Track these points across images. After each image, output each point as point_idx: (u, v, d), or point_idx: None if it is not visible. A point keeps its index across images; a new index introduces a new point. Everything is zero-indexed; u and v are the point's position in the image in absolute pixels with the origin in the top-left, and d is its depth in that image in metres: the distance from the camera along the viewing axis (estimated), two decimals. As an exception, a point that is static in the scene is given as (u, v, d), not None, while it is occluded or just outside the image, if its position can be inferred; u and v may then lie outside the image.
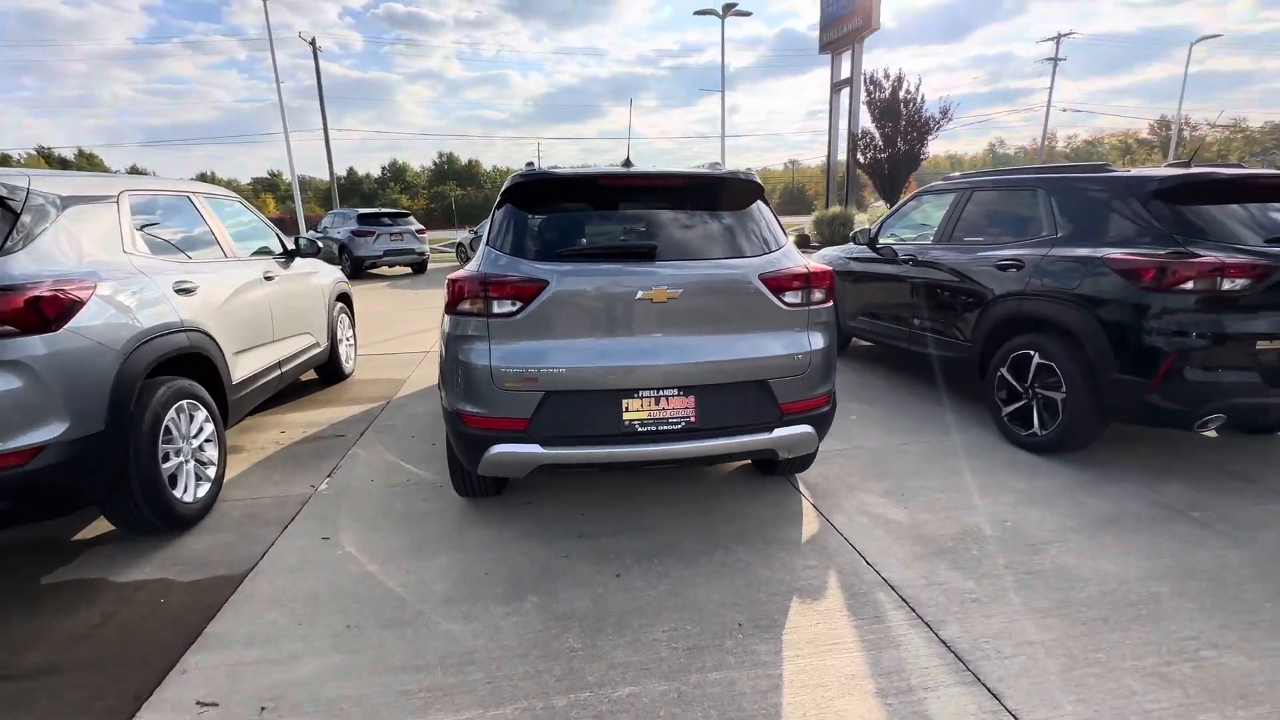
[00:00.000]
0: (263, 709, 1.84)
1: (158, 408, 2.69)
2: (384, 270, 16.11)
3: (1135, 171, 3.54)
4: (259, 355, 3.79)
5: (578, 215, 2.78)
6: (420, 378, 5.58)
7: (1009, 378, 3.74)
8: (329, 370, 5.31)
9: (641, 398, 2.46)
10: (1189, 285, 2.93)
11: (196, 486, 2.97)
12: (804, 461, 3.18)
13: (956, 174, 5.01)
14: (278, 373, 4.06)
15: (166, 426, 2.75)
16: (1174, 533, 2.73)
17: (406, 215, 15.56)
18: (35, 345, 2.22)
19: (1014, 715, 1.77)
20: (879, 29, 21.16)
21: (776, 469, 3.25)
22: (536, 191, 2.69)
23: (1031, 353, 3.57)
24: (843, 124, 23.09)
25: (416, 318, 9.00)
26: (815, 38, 24.08)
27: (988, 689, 1.87)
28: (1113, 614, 2.20)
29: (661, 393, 2.47)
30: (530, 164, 3.05)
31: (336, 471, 3.56)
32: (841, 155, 23.47)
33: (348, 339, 5.68)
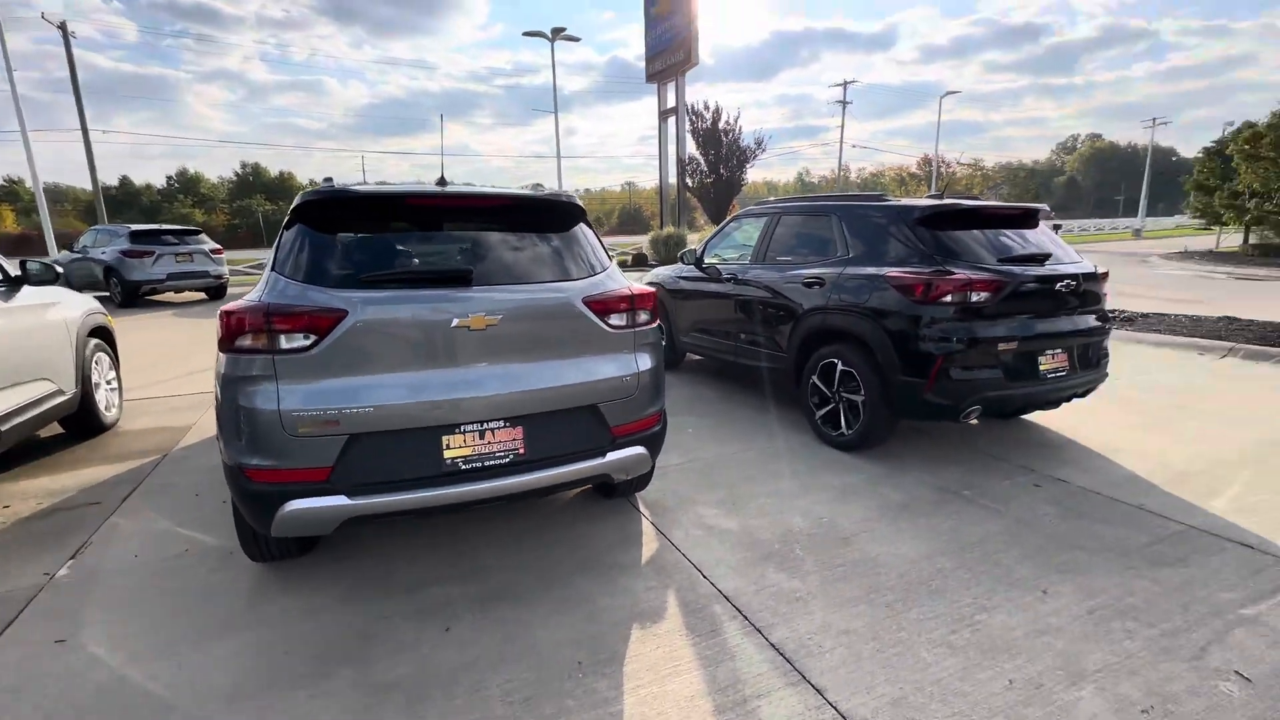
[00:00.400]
0: None
1: None
2: (170, 296, 13.76)
3: (904, 201, 4.12)
4: (-39, 412, 2.95)
5: (385, 238, 2.54)
6: (209, 424, 4.76)
7: (819, 384, 4.12)
8: (81, 422, 4.33)
9: (464, 433, 2.28)
10: (948, 299, 3.45)
11: None
12: (642, 481, 3.19)
13: (770, 199, 5.48)
14: (-7, 432, 3.20)
15: None
16: (951, 511, 3.16)
17: (197, 232, 13.45)
18: None
19: (835, 708, 1.89)
20: (699, 64, 22.83)
21: (616, 491, 3.23)
22: (335, 211, 2.41)
23: (836, 361, 3.97)
24: (672, 149, 24.48)
25: (207, 350, 7.74)
26: (643, 68, 25.33)
27: (812, 686, 1.98)
28: (909, 594, 2.46)
29: (486, 426, 2.31)
30: (329, 179, 2.73)
31: (85, 550, 2.87)
32: (673, 179, 24.85)
33: (108, 383, 4.69)
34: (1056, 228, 4.53)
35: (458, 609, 2.39)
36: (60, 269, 4.00)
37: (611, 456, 2.53)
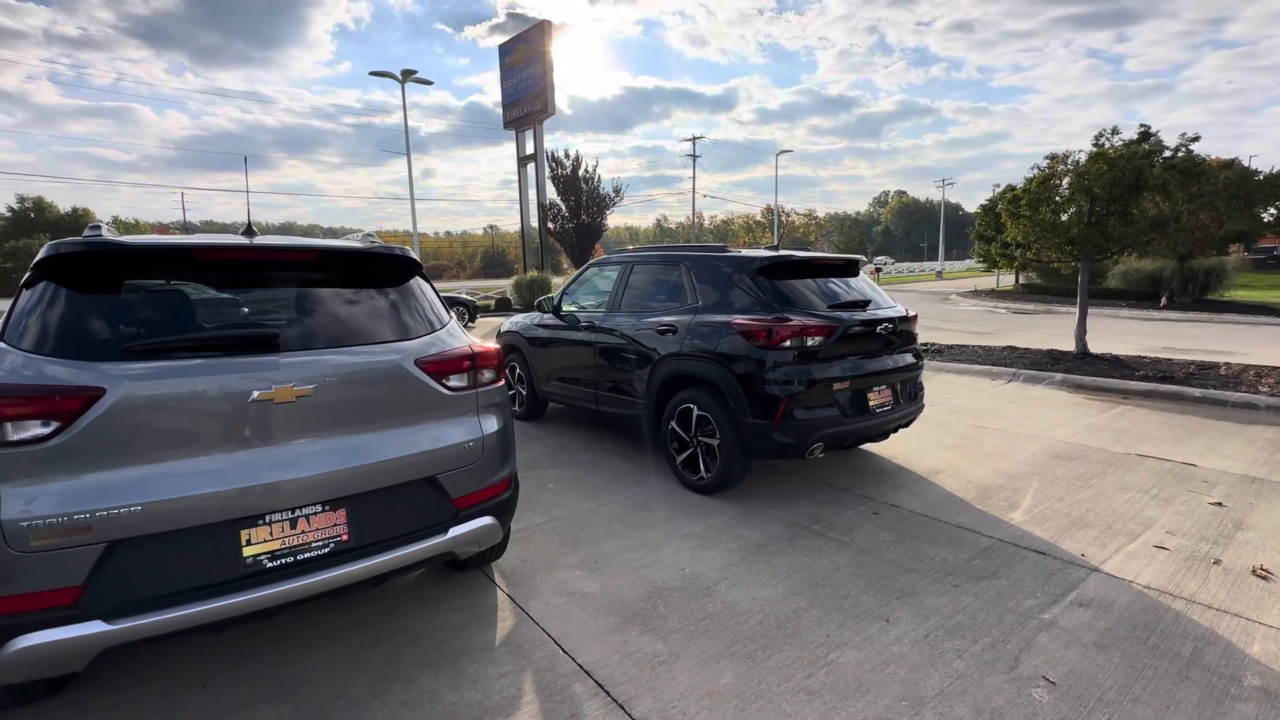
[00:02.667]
0: None
1: None
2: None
3: (745, 252, 4.38)
4: None
5: (170, 298, 2.16)
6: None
7: (678, 429, 4.17)
8: None
9: (270, 524, 1.94)
10: (788, 343, 3.67)
11: None
12: (496, 550, 2.96)
13: (627, 248, 5.58)
14: None
15: None
16: (804, 547, 3.28)
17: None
18: None
19: (699, 784, 1.79)
20: (555, 114, 23.38)
21: (468, 564, 2.96)
22: (99, 267, 1.99)
23: (692, 406, 4.04)
24: (533, 194, 24.60)
25: None
26: (501, 114, 25.39)
27: (676, 762, 1.87)
28: (768, 640, 2.47)
29: (299, 513, 1.99)
30: (97, 227, 2.28)
31: None
32: (534, 223, 24.89)
33: None
34: (878, 270, 5.07)
35: (267, 737, 1.99)
36: None
37: (455, 531, 2.30)
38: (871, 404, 3.98)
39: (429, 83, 24.02)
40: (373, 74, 22.92)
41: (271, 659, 2.38)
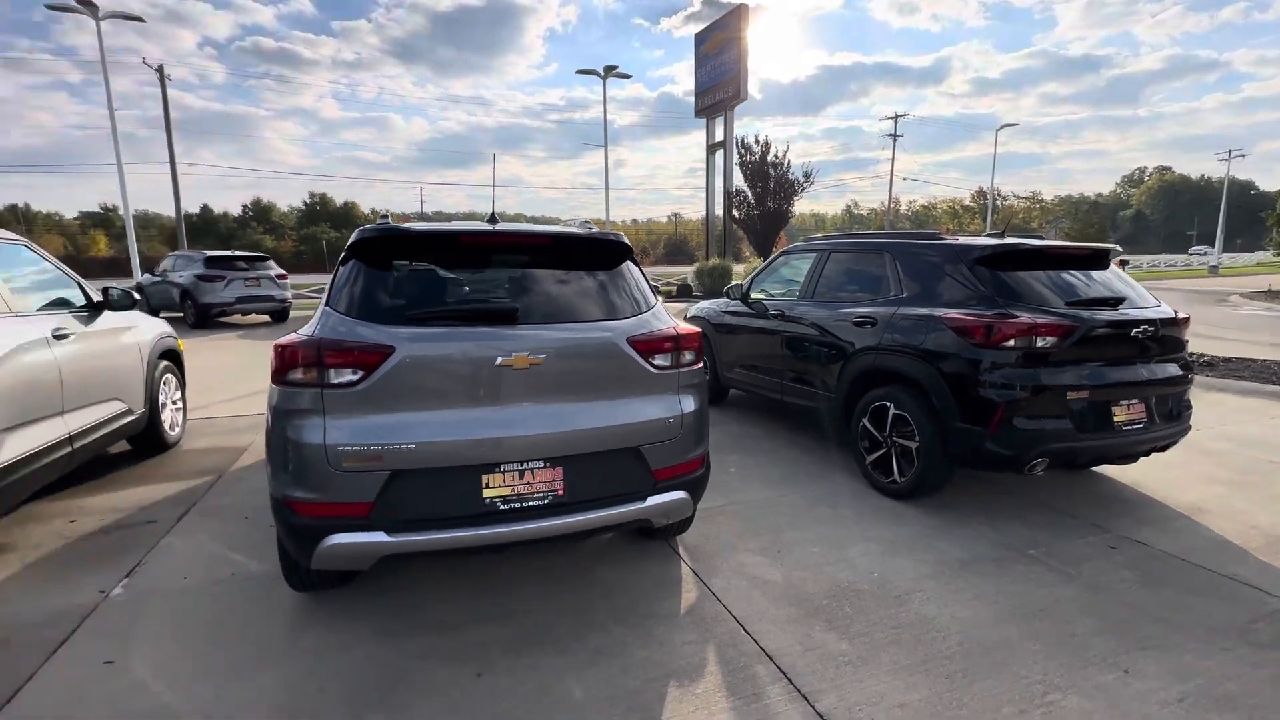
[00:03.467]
0: None
1: None
2: (237, 319, 14.52)
3: (962, 240, 3.97)
4: (38, 430, 3.12)
5: (434, 275, 2.58)
6: (263, 446, 4.92)
7: (870, 427, 3.95)
8: (147, 440, 4.53)
9: (503, 472, 2.26)
10: (1011, 343, 3.27)
11: (-76, 609, 2.31)
12: (683, 524, 3.10)
13: (819, 235, 5.39)
14: (68, 449, 3.37)
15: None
16: (1017, 573, 2.93)
17: (265, 259, 14.23)
18: None
19: (889, 794, 1.73)
20: (747, 99, 23.08)
21: (656, 533, 3.14)
22: (388, 248, 2.47)
23: (888, 404, 3.80)
24: (719, 182, 24.68)
25: (268, 373, 8.08)
26: (692, 102, 25.79)
27: (864, 766, 1.82)
28: (971, 664, 2.27)
29: (526, 466, 2.28)
30: (384, 217, 2.82)
31: (139, 570, 2.95)
32: (719, 211, 24.99)
33: (174, 403, 4.92)
34: (1124, 264, 4.28)
35: (491, 653, 2.33)
36: (138, 294, 4.26)
37: (652, 501, 2.46)
38: (1117, 420, 3.39)
39: (627, 76, 25.20)
40: (579, 72, 24.71)
41: (493, 591, 2.77)
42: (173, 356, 4.93)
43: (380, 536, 2.12)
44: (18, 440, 2.95)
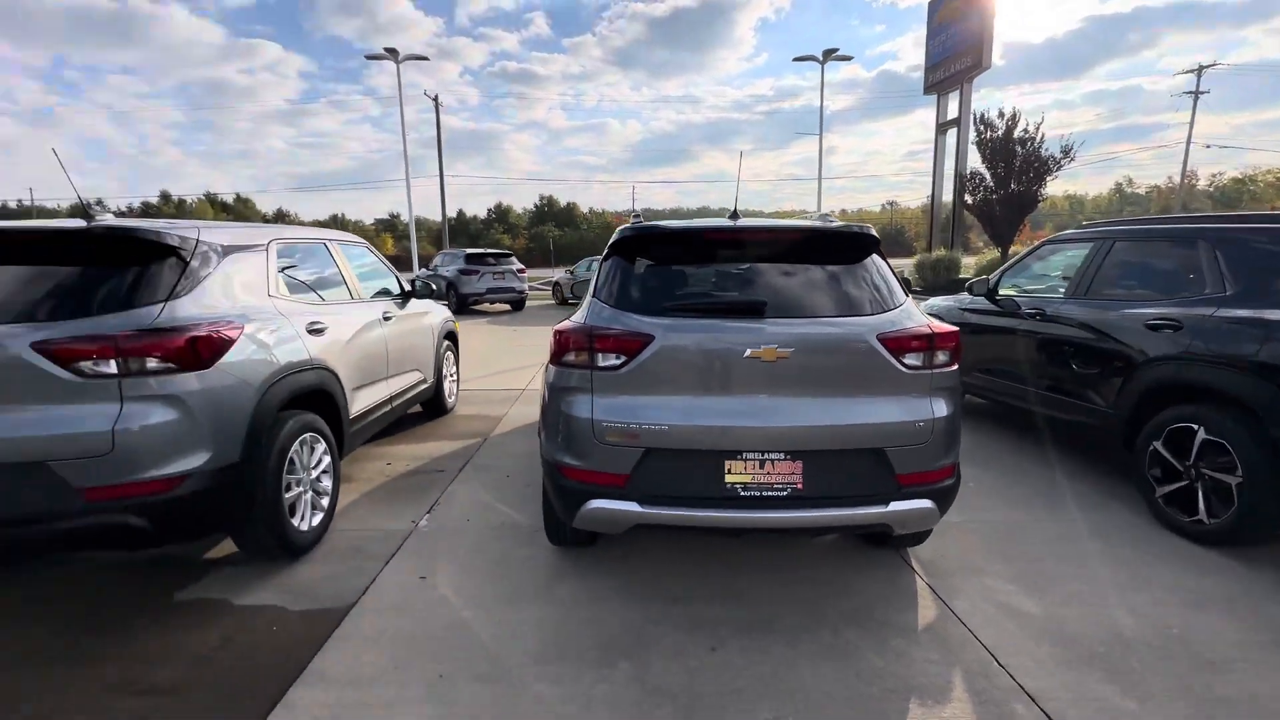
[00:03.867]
0: (358, 758, 1.84)
1: (285, 440, 2.88)
2: (485, 307, 17.01)
3: (1327, 222, 3.06)
4: (374, 391, 4.02)
5: (686, 270, 2.76)
6: (516, 416, 5.72)
7: (1164, 453, 3.27)
8: (432, 405, 5.56)
9: (745, 460, 2.34)
10: None
11: (312, 516, 3.14)
12: (919, 535, 2.90)
13: (1098, 220, 4.58)
14: (389, 407, 4.29)
15: (290, 458, 2.94)
16: (1405, 664, 2.21)
17: (509, 255, 16.44)
18: (190, 381, 2.45)
19: None
20: (990, 67, 20.30)
21: (887, 542, 2.99)
22: (643, 245, 2.70)
23: (1195, 426, 3.10)
24: (949, 165, 22.14)
25: (513, 354, 9.35)
26: (915, 78, 23.48)
27: None
28: (1331, 767, 1.78)
29: (767, 456, 2.34)
30: (637, 216, 3.08)
31: (436, 508, 3.66)
32: (947, 196, 22.45)
33: (451, 375, 5.95)
34: None
35: (722, 631, 2.44)
36: (434, 286, 5.24)
37: (895, 506, 2.35)
38: None
39: (848, 58, 23.86)
40: (796, 59, 24.30)
41: (725, 572, 2.89)
42: (452, 337, 5.97)
43: (634, 506, 2.35)
44: (363, 397, 3.83)
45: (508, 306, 16.81)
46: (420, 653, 2.32)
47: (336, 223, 73.90)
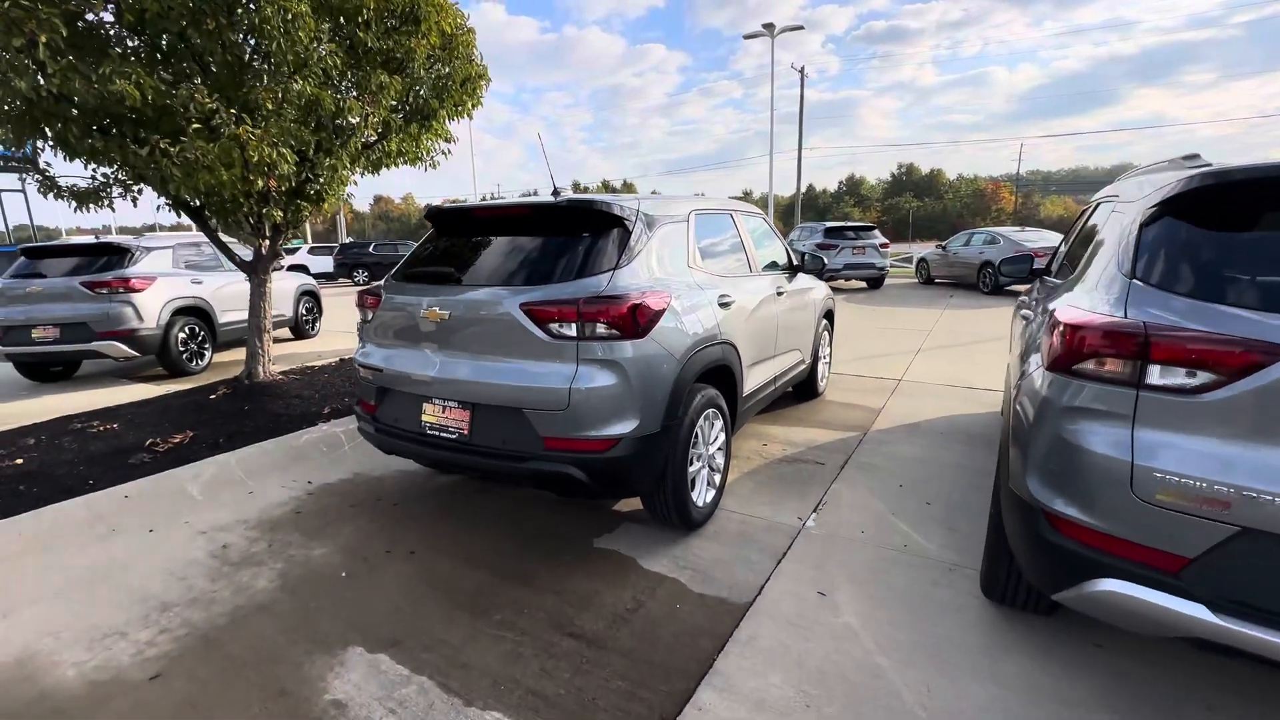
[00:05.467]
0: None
1: (694, 414, 2.83)
2: (840, 283, 16.14)
3: None
4: (764, 369, 3.84)
5: None
6: (896, 411, 4.98)
7: None
8: (804, 387, 5.23)
9: None
10: None
11: (706, 492, 3.09)
12: None
13: None
14: (773, 388, 4.08)
15: (695, 433, 2.89)
16: None
17: (871, 228, 15.13)
18: (627, 349, 2.52)
19: None
20: None
21: None
22: (1245, 198, 1.69)
23: None
24: None
25: (879, 337, 8.45)
26: None
27: None
28: None
29: None
30: (1195, 156, 2.03)
31: (823, 507, 3.28)
32: None
33: (824, 357, 5.52)
34: None
35: None
36: (824, 260, 4.82)
37: None
38: None
39: None
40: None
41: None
42: (830, 316, 5.51)
43: (1198, 611, 1.49)
44: (755, 374, 3.67)
45: (864, 284, 15.61)
46: (833, 696, 1.95)
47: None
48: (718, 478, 3.21)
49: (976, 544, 2.83)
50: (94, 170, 4.73)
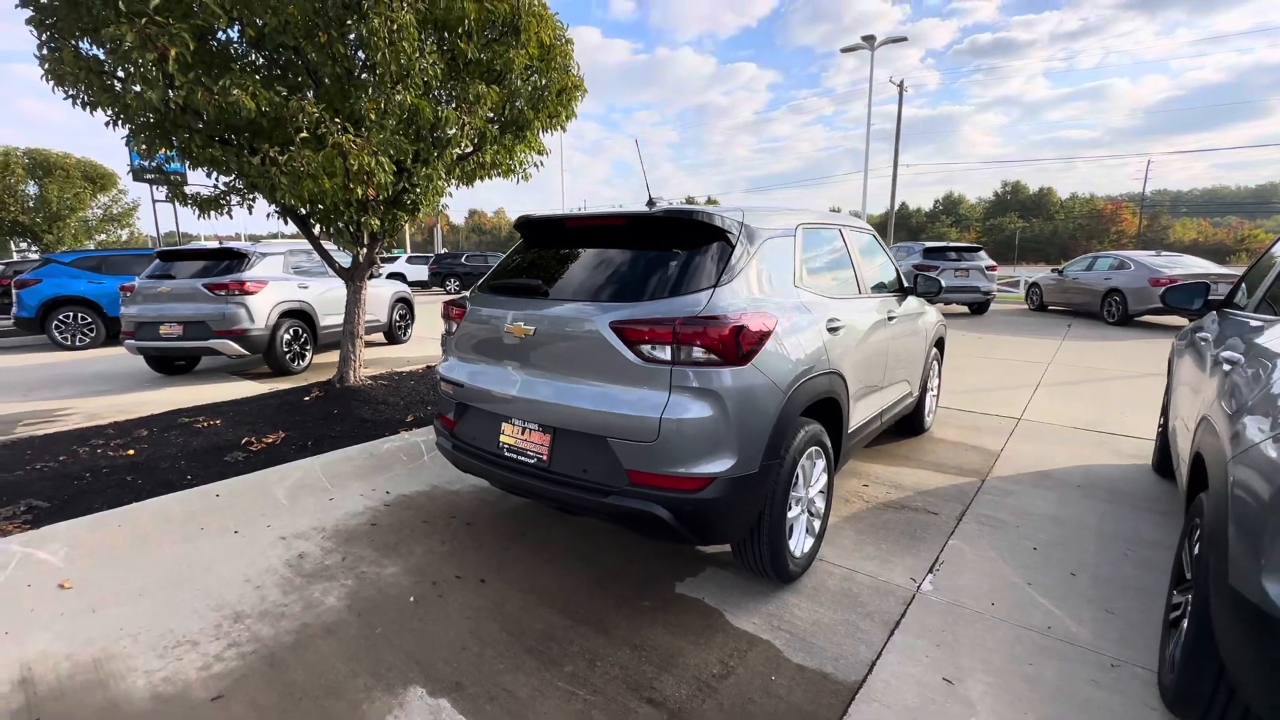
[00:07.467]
0: None
1: (796, 453, 2.49)
2: (940, 308, 15.06)
3: None
4: (871, 402, 3.42)
5: None
6: (1019, 456, 4.38)
7: None
8: (908, 421, 4.71)
9: None
10: None
11: (804, 540, 2.73)
12: None
13: None
14: (879, 423, 3.65)
15: (796, 474, 2.55)
16: None
17: (977, 249, 14.03)
18: (726, 377, 2.23)
19: None
20: None
21: None
22: None
23: None
24: None
25: (991, 369, 7.66)
26: None
27: None
28: None
29: None
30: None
31: (940, 568, 2.83)
32: None
33: (933, 389, 4.97)
34: None
35: None
36: (941, 283, 4.34)
37: None
38: None
39: None
40: None
41: None
42: (940, 345, 4.97)
43: None
44: (861, 409, 3.27)
45: (965, 309, 14.47)
46: (977, 830, 1.55)
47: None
48: (817, 524, 2.84)
49: (1145, 635, 2.31)
50: (216, 179, 5.01)
